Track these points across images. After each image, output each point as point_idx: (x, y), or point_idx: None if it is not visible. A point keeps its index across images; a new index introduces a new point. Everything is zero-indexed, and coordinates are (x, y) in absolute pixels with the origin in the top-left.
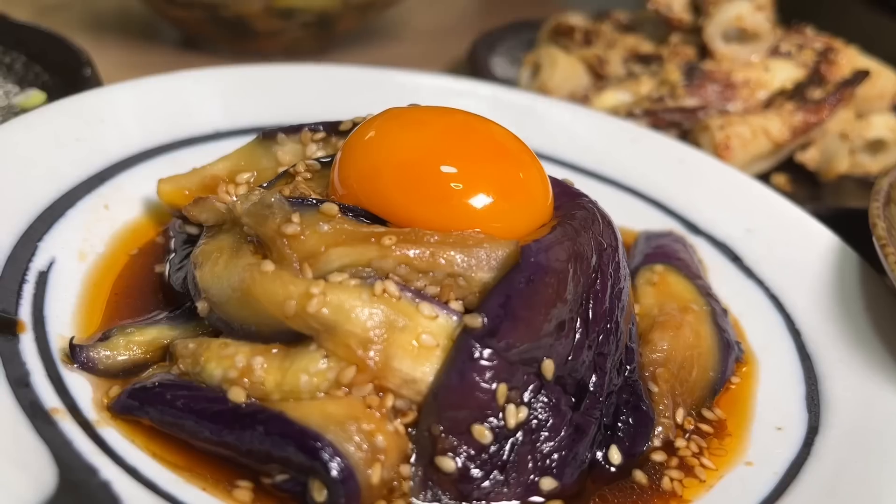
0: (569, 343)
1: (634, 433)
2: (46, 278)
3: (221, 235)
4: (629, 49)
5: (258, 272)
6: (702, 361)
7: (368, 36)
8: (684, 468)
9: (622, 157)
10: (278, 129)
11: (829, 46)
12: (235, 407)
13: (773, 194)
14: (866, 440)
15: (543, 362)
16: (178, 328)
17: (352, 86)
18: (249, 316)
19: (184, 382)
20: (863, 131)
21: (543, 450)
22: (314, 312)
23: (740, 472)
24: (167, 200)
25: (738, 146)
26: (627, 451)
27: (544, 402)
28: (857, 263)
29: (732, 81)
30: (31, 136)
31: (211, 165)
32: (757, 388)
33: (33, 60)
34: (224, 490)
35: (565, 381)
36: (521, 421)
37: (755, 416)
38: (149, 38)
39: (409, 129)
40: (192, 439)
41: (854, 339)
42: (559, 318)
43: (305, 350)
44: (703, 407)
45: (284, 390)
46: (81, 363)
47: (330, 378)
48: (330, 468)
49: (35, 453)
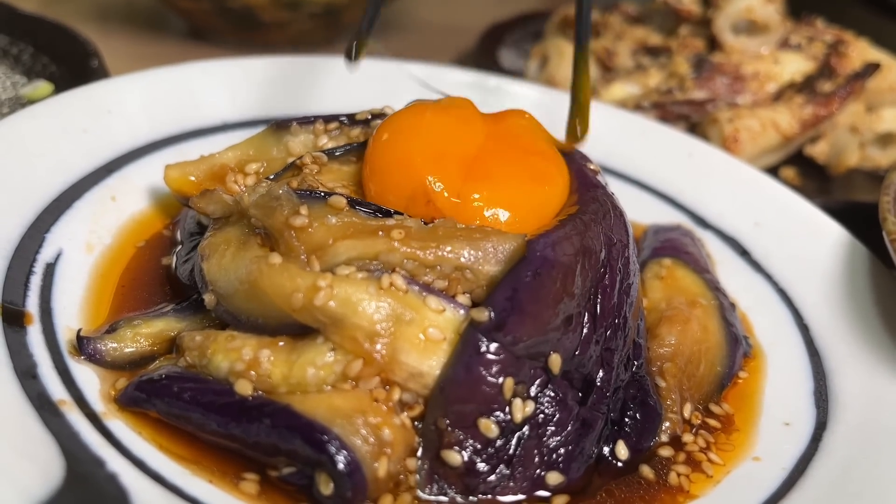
0: (576, 337)
1: (642, 428)
2: (54, 270)
3: (228, 228)
4: (638, 41)
5: (265, 264)
6: (709, 356)
7: (376, 27)
8: (691, 463)
9: (630, 149)
10: (292, 120)
11: (839, 39)
12: (242, 399)
13: (781, 188)
14: (875, 436)
15: (550, 356)
16: (185, 320)
17: (359, 77)
18: (256, 308)
19: (190, 375)
20: (873, 124)
21: (550, 444)
22: (321, 305)
23: (748, 468)
24: (173, 187)
25: (746, 139)
26: (634, 446)
27: (551, 396)
28: (867, 258)
29: (742, 74)
30: (38, 128)
31: (220, 154)
32: (765, 383)
33: (41, 51)
34: (231, 482)
35: (572, 376)
36: (527, 415)
37: (763, 411)
38: (156, 29)
39: (433, 126)
40: (199, 431)
41: (863, 334)
42: (566, 313)
43: (312, 343)
44: (710, 402)
45: (291, 383)
46: (88, 355)
47: (337, 371)
48: (337, 461)
49: (42, 445)
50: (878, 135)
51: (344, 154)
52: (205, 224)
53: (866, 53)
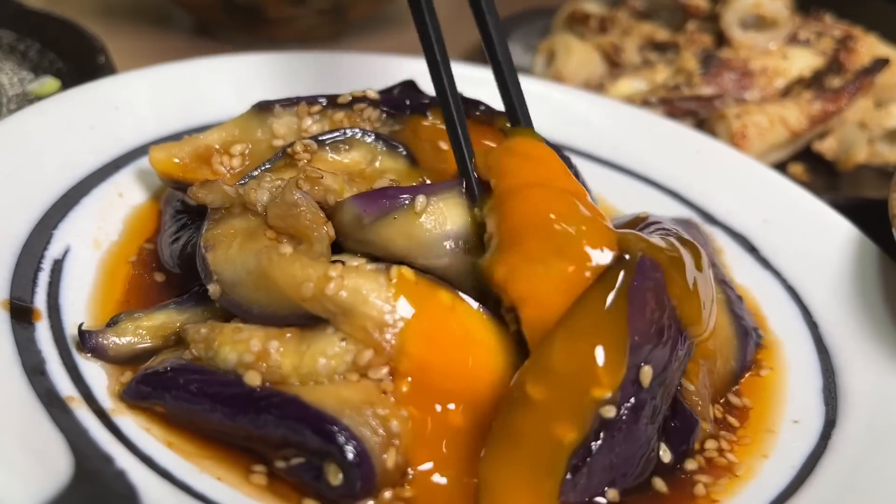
0: (666, 352)
1: (682, 434)
2: (61, 266)
3: (232, 219)
4: (645, 36)
5: (276, 254)
6: (724, 352)
7: (382, 23)
8: (710, 466)
9: (638, 146)
10: (275, 101)
11: (848, 34)
12: (250, 391)
13: (790, 184)
14: (884, 434)
15: (642, 368)
16: (186, 312)
17: (366, 73)
18: (264, 298)
19: (196, 367)
20: (882, 120)
21: (618, 458)
22: (331, 295)
23: (756, 466)
24: (159, 169)
25: (755, 135)
26: (675, 450)
27: (632, 407)
28: (876, 254)
29: (750, 69)
30: (45, 124)
31: (205, 136)
32: (774, 379)
33: (47, 48)
34: (239, 477)
35: (655, 391)
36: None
37: (772, 409)
38: (162, 25)
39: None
40: (206, 424)
41: (872, 331)
42: (658, 324)
43: (322, 333)
44: (725, 396)
45: (302, 374)
46: (90, 348)
47: (347, 361)
48: (346, 452)
49: (51, 442)
50: (886, 130)
51: (334, 142)
52: (190, 204)
53: (875, 49)
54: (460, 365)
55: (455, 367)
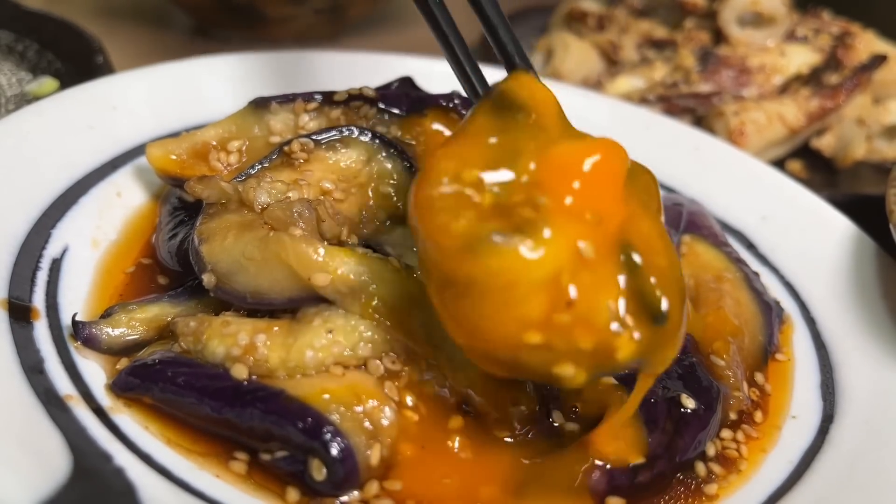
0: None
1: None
2: (60, 266)
3: (227, 215)
4: (643, 34)
5: (288, 236)
6: (750, 328)
7: (381, 22)
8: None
9: (636, 143)
10: (271, 98)
11: (845, 31)
12: (237, 384)
13: (788, 181)
14: (882, 429)
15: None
16: (180, 305)
17: (364, 72)
18: (266, 283)
19: (184, 360)
20: (880, 117)
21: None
22: (343, 275)
23: (755, 460)
24: (156, 165)
25: (752, 132)
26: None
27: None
28: (874, 251)
29: (747, 66)
30: (43, 124)
31: (202, 132)
32: (772, 376)
33: (46, 48)
34: (241, 474)
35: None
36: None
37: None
38: (160, 25)
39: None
40: (193, 417)
41: (870, 327)
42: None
43: (309, 326)
44: (756, 372)
45: (290, 367)
46: (84, 339)
47: (335, 352)
48: (330, 447)
49: (49, 440)
50: (885, 127)
51: (330, 141)
52: (187, 201)
53: (873, 45)
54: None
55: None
